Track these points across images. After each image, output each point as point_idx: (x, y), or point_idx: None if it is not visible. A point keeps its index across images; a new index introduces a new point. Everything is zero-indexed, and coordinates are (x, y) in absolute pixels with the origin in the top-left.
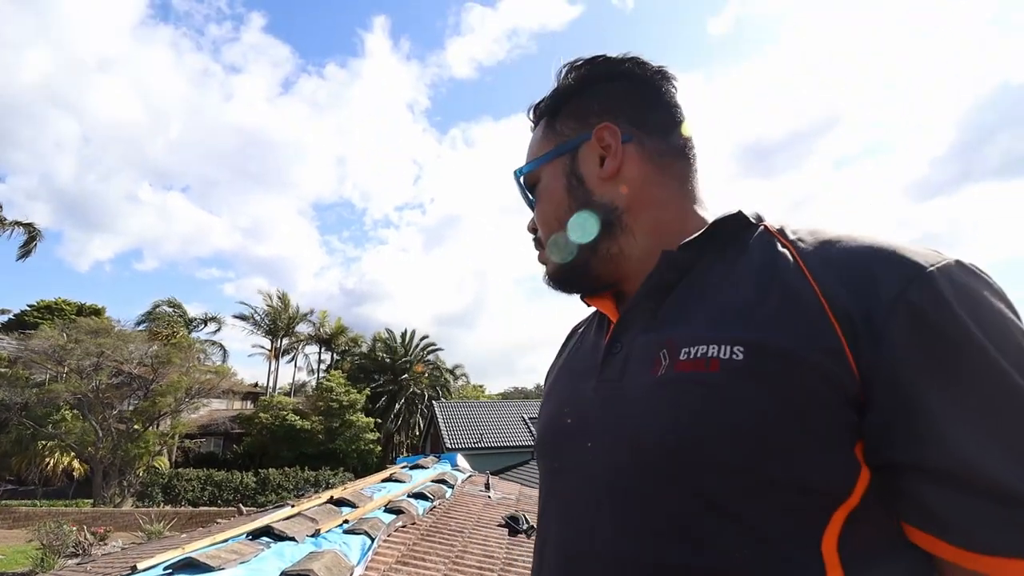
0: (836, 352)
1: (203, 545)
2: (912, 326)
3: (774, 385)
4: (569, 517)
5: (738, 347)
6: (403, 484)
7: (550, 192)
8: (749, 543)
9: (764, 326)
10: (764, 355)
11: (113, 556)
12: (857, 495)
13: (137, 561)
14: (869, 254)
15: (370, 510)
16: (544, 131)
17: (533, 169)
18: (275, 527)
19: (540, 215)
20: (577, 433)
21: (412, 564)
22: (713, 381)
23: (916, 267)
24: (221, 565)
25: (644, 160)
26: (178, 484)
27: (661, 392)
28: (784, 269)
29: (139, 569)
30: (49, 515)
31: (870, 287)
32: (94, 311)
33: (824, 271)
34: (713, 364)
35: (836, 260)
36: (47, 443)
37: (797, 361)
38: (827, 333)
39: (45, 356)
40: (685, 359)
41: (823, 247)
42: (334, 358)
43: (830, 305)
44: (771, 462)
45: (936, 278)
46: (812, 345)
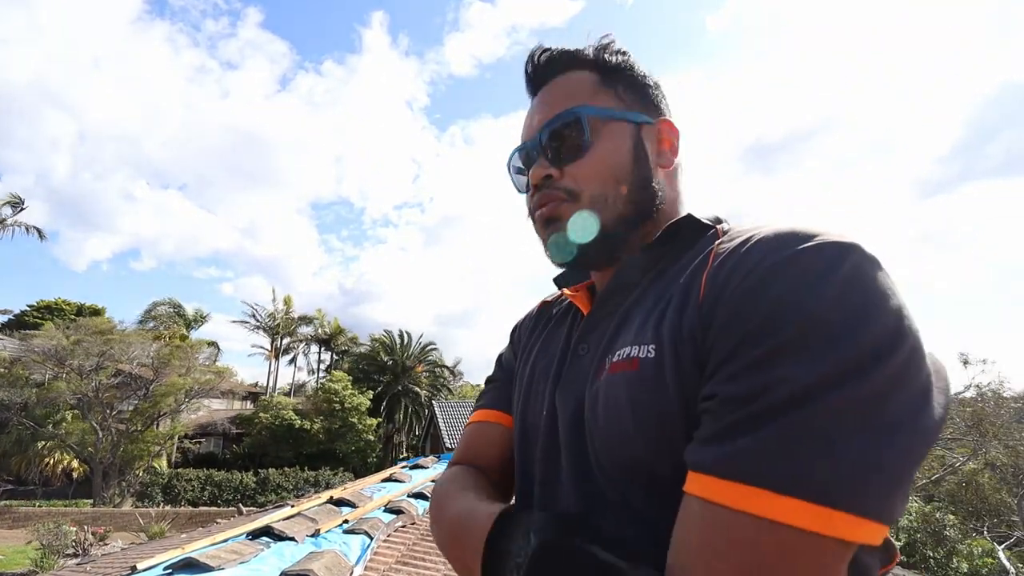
0: (695, 338)
1: (203, 545)
2: (743, 298)
3: (666, 377)
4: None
5: (651, 345)
6: (403, 484)
7: (614, 150)
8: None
9: (671, 322)
10: (668, 350)
11: (113, 556)
12: None
13: (137, 561)
14: (754, 243)
15: (370, 510)
16: (601, 86)
17: (602, 117)
18: (275, 527)
19: (596, 167)
20: (548, 429)
21: (412, 564)
22: (631, 378)
23: (766, 248)
24: (221, 565)
25: (679, 167)
26: (178, 484)
27: (605, 390)
28: (697, 271)
29: (139, 569)
30: (49, 515)
31: (734, 272)
32: (94, 311)
33: (715, 269)
34: (634, 363)
35: (729, 253)
36: (47, 443)
37: (677, 352)
38: (694, 321)
39: (46, 356)
40: (617, 360)
41: (732, 240)
42: (334, 358)
43: (704, 293)
44: (677, 444)
45: (789, 258)
46: (684, 333)
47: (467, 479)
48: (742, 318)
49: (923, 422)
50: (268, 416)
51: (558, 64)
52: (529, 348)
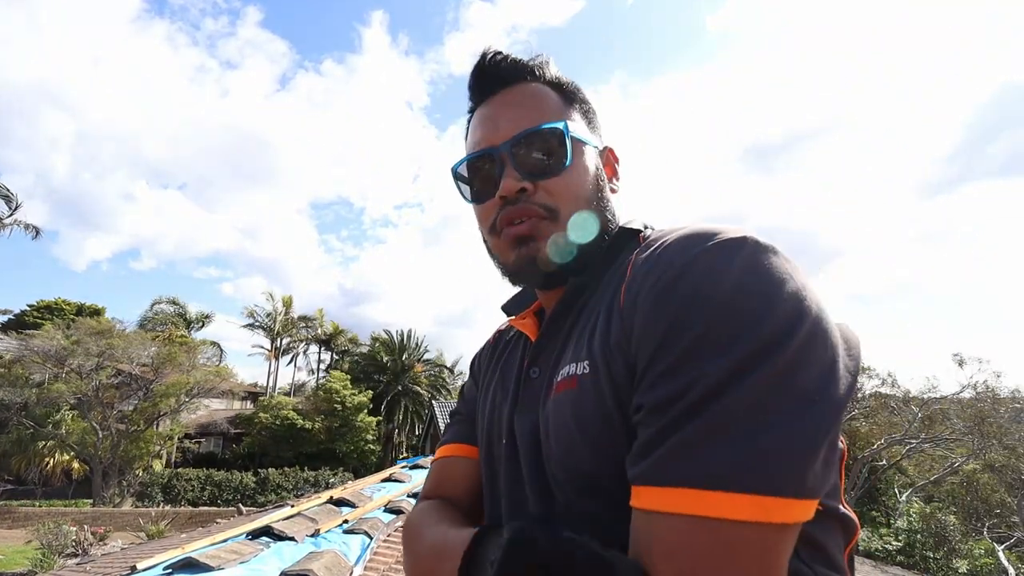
0: (624, 346)
1: (203, 545)
2: (657, 302)
3: (598, 391)
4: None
5: (585, 362)
6: (403, 484)
7: (587, 170)
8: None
9: (600, 338)
10: (595, 366)
11: (113, 556)
12: None
13: (137, 561)
14: (660, 248)
15: (370, 510)
16: (566, 106)
17: (579, 139)
18: (275, 527)
19: (574, 186)
20: (509, 455)
21: None
22: (572, 396)
23: (680, 251)
24: (221, 565)
25: (618, 186)
26: (178, 484)
27: (552, 409)
28: (619, 281)
29: (139, 569)
30: (49, 515)
31: (647, 277)
32: (94, 311)
33: (631, 277)
34: (573, 381)
35: (641, 262)
36: (47, 443)
37: (606, 365)
38: (618, 333)
39: (46, 356)
40: (560, 379)
41: (647, 249)
42: (333, 358)
43: (624, 304)
44: (612, 456)
45: (693, 260)
46: (616, 344)
47: (439, 512)
48: (655, 324)
49: (832, 394)
50: (268, 416)
51: (521, 71)
52: (488, 377)
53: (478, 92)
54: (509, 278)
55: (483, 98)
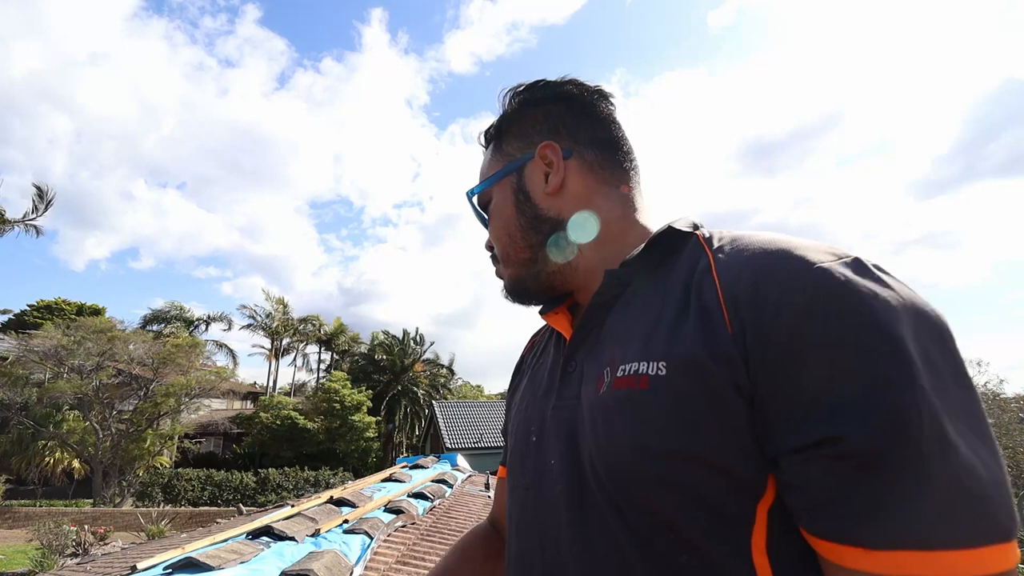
0: (732, 357)
1: (203, 545)
2: (788, 325)
3: (690, 396)
4: (535, 533)
5: (662, 362)
6: (403, 484)
7: (500, 209)
8: (687, 552)
9: (681, 339)
10: (681, 368)
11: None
12: (771, 491)
13: (137, 561)
14: (763, 257)
15: (370, 510)
16: (492, 153)
17: (483, 189)
18: (275, 527)
19: (493, 232)
20: (541, 450)
21: (412, 564)
22: (643, 397)
23: (801, 267)
24: (221, 565)
25: (586, 173)
26: (178, 484)
27: (600, 410)
28: (702, 280)
29: (139, 569)
30: (49, 515)
31: (759, 289)
32: (94, 311)
33: (727, 278)
34: (643, 380)
35: (737, 266)
36: (47, 443)
37: (705, 372)
38: (726, 341)
39: (46, 356)
40: (622, 376)
41: (733, 254)
42: (334, 358)
43: (728, 312)
44: (696, 468)
45: (815, 278)
46: (717, 354)
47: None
48: (808, 356)
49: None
50: (268, 416)
51: (485, 144)
52: (521, 379)
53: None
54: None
55: None
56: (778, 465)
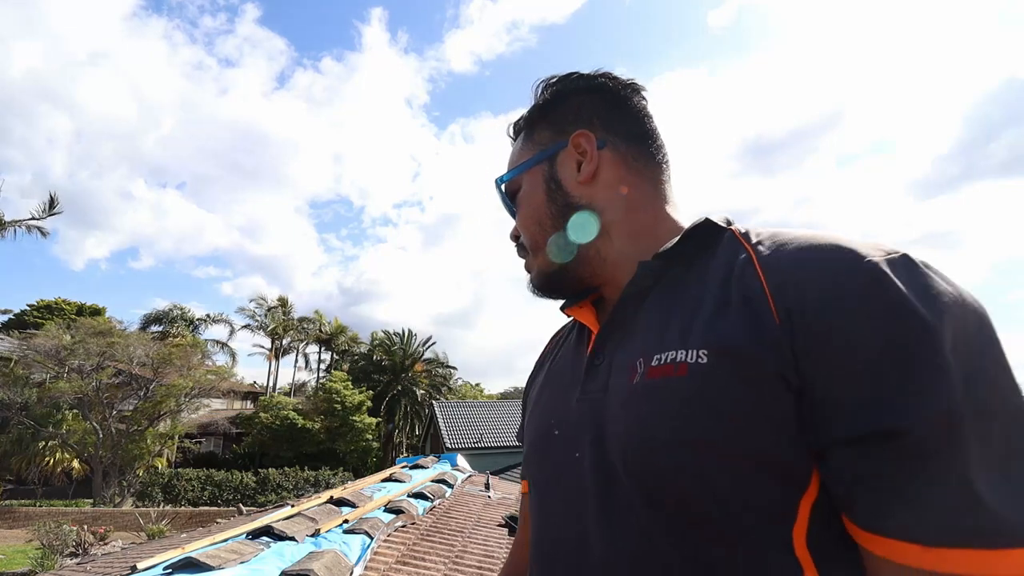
0: (780, 347)
1: (203, 545)
2: (844, 316)
3: (734, 384)
4: (560, 527)
5: (703, 351)
6: (403, 484)
7: (530, 198)
8: (726, 546)
9: (724, 329)
10: (724, 356)
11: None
12: (815, 485)
13: (137, 561)
14: (812, 251)
15: (370, 510)
16: (523, 142)
17: (513, 177)
18: (275, 527)
19: (522, 221)
20: (565, 444)
21: (412, 564)
22: (681, 385)
23: (851, 260)
24: (221, 565)
25: (619, 164)
26: (178, 484)
27: (635, 399)
28: (743, 273)
29: (139, 569)
30: (49, 515)
31: (809, 283)
32: (94, 311)
33: (773, 271)
34: (681, 368)
35: (784, 259)
36: (47, 443)
37: (751, 360)
38: (774, 330)
39: (47, 356)
40: (656, 365)
41: (777, 249)
42: (334, 358)
43: (775, 303)
44: (738, 459)
45: (868, 271)
46: (764, 344)
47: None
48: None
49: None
50: (268, 416)
51: (514, 135)
52: (538, 376)
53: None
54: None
55: None
56: (828, 458)
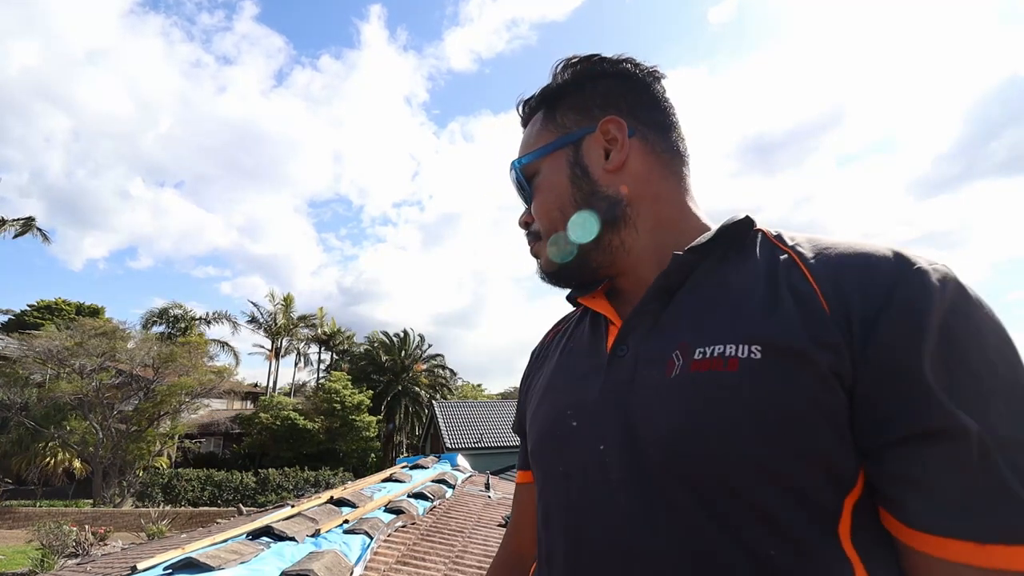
0: (838, 347)
1: (203, 545)
2: (902, 316)
3: (791, 381)
4: (588, 521)
5: (755, 346)
6: (403, 484)
7: (552, 183)
8: (780, 541)
9: (778, 326)
10: (780, 353)
11: (113, 556)
12: (860, 484)
13: (137, 561)
14: (861, 257)
15: (370, 510)
16: (543, 123)
17: (534, 160)
18: (275, 527)
19: (540, 206)
20: (586, 436)
21: (412, 564)
22: (733, 379)
23: (904, 265)
24: (221, 565)
25: (647, 154)
26: (178, 484)
27: (679, 391)
28: (789, 273)
29: (139, 569)
30: (49, 515)
31: (863, 286)
32: (93, 311)
33: (823, 273)
34: (732, 363)
35: (833, 263)
36: (48, 443)
37: (808, 358)
38: (831, 330)
39: (49, 355)
40: (700, 359)
41: (821, 252)
42: (334, 358)
43: (828, 304)
44: (790, 454)
45: (922, 274)
46: (819, 342)
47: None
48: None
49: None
50: (268, 416)
51: (528, 113)
52: (542, 367)
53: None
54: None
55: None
56: (879, 458)
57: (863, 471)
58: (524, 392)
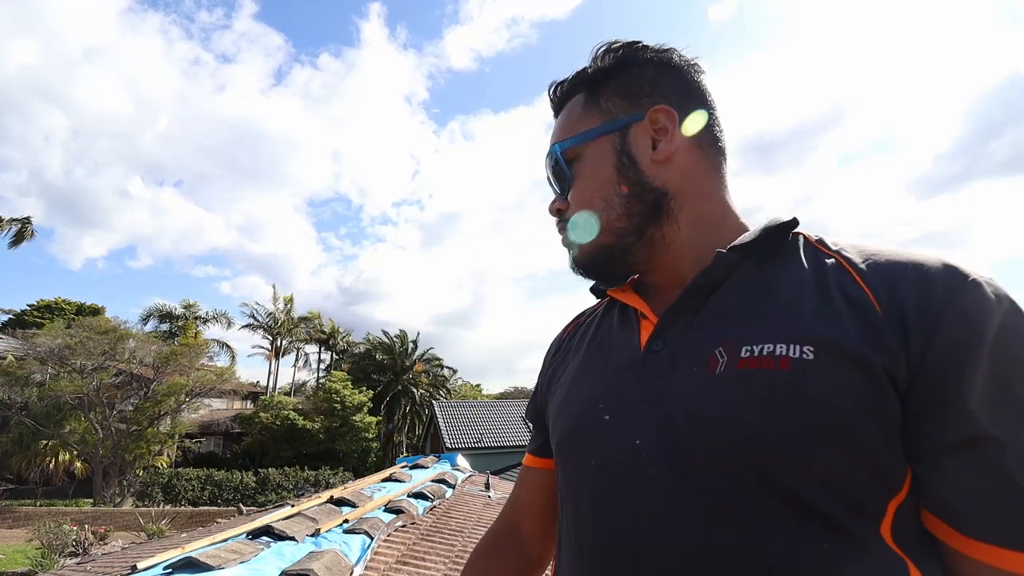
0: (893, 351)
1: (203, 545)
2: (961, 325)
3: (845, 382)
4: (621, 513)
5: (807, 347)
6: (403, 484)
7: (596, 170)
8: (832, 536)
9: (830, 328)
10: (834, 354)
11: (113, 556)
12: (905, 488)
13: (137, 561)
14: (914, 265)
15: (370, 510)
16: (585, 107)
17: (576, 145)
18: (275, 527)
19: (581, 193)
20: (620, 429)
21: (412, 564)
22: (785, 378)
23: (960, 276)
24: (221, 565)
25: (694, 148)
26: (178, 484)
27: (726, 387)
28: (838, 276)
29: (139, 569)
30: (49, 514)
31: (921, 293)
32: (93, 310)
33: (875, 279)
34: (783, 362)
35: (884, 269)
36: (48, 442)
37: (863, 360)
38: (885, 334)
39: (49, 354)
40: (748, 357)
41: (869, 258)
42: (334, 358)
43: (882, 309)
44: (842, 454)
45: (978, 285)
46: (874, 345)
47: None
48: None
49: None
50: (268, 416)
51: (562, 95)
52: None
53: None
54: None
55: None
56: (931, 463)
57: (911, 475)
58: (546, 383)
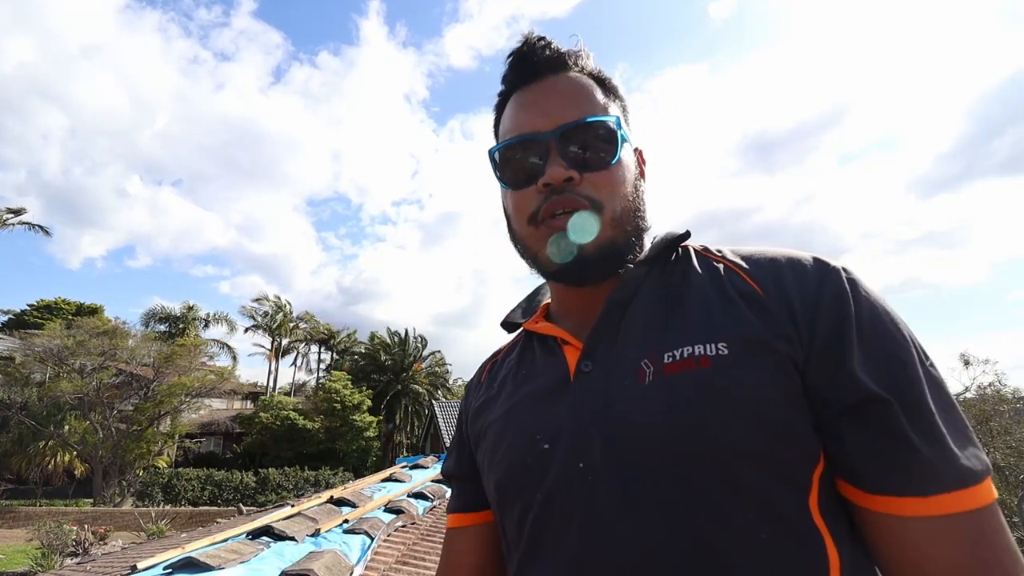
0: (790, 337)
1: (203, 545)
2: (834, 308)
3: (760, 369)
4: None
5: (721, 343)
6: (403, 484)
7: (629, 166)
8: (771, 522)
9: (737, 323)
10: (746, 346)
11: (113, 555)
12: (823, 458)
13: (137, 561)
14: (790, 260)
15: (370, 510)
16: (606, 103)
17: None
18: (275, 527)
19: (618, 181)
20: (565, 456)
21: (412, 564)
22: (708, 375)
23: (825, 267)
24: (221, 565)
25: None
26: (178, 484)
27: (658, 394)
28: (730, 277)
29: (139, 568)
30: (49, 514)
31: (799, 284)
32: (92, 310)
33: (761, 276)
34: (704, 361)
35: (767, 267)
36: (48, 442)
37: (769, 347)
38: (781, 323)
39: (49, 354)
40: (671, 362)
41: (749, 258)
42: (334, 358)
43: (773, 301)
44: (770, 434)
45: (839, 273)
46: (775, 334)
47: None
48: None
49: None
50: (268, 416)
51: (565, 61)
52: (490, 400)
53: (519, 77)
54: (546, 273)
55: (524, 83)
56: (832, 430)
57: (823, 446)
58: (470, 431)
